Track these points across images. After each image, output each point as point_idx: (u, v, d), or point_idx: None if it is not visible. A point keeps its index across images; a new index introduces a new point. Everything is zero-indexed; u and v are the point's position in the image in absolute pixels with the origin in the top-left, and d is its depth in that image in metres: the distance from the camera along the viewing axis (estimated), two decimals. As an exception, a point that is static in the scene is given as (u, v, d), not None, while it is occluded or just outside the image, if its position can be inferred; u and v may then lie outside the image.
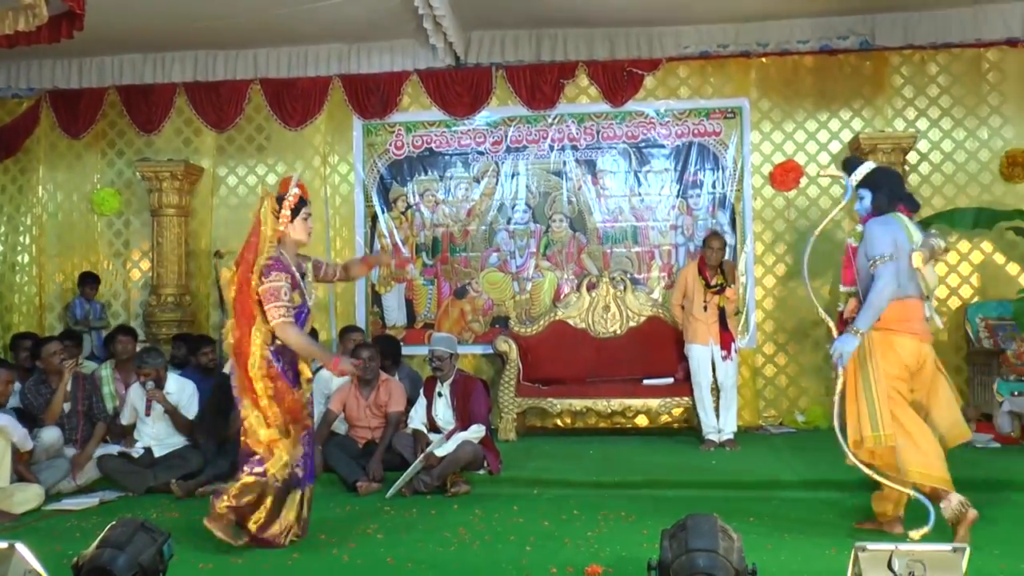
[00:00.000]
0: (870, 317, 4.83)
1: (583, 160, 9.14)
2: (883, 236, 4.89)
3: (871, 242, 4.90)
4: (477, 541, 5.16)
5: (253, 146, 9.65)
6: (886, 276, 4.81)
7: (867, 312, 4.82)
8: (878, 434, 4.83)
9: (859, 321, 4.84)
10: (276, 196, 5.01)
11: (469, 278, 9.23)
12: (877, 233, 4.91)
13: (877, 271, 4.82)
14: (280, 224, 4.94)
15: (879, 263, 4.83)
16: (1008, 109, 8.78)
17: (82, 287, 9.23)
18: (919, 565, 3.31)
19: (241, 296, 4.90)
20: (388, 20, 8.52)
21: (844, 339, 4.87)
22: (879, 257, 4.84)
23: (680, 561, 3.48)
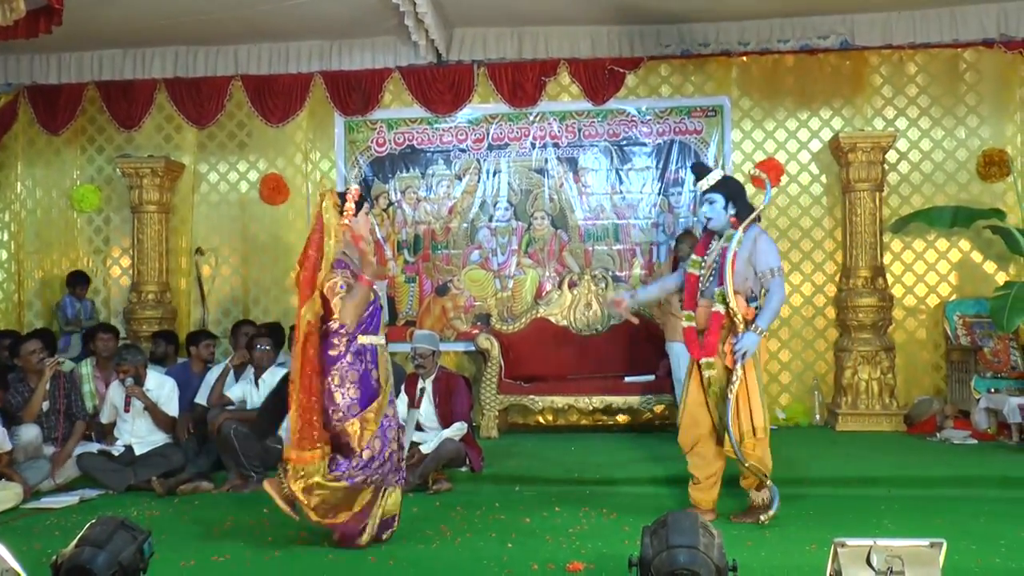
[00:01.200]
0: (771, 319, 5.20)
1: (565, 158, 9.16)
2: (774, 248, 5.30)
3: (769, 253, 5.22)
4: (459, 538, 5.17)
5: (234, 143, 9.61)
6: (783, 284, 5.23)
7: (770, 315, 5.17)
8: (767, 424, 5.23)
9: (761, 322, 5.14)
10: (338, 192, 4.96)
11: (451, 275, 9.24)
12: (770, 244, 5.28)
13: (776, 280, 5.17)
14: (344, 218, 4.87)
15: (777, 273, 5.19)
16: (985, 109, 8.86)
17: (73, 286, 9.14)
18: (897, 560, 3.33)
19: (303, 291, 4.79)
20: (370, 17, 8.50)
21: (749, 337, 5.12)
22: (777, 268, 5.19)
23: (661, 557, 3.49)
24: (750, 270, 5.20)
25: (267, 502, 6.14)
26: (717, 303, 5.23)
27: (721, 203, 5.28)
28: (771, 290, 5.17)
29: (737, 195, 5.31)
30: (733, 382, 5.15)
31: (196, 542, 5.17)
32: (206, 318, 9.32)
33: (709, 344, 5.27)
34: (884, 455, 6.99)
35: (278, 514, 5.81)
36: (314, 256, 4.79)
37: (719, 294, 5.21)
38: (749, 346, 5.11)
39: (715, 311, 5.24)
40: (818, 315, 8.93)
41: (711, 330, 5.25)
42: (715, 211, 5.30)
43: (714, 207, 5.30)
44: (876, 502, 5.91)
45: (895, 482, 6.32)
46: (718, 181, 5.32)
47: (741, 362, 5.12)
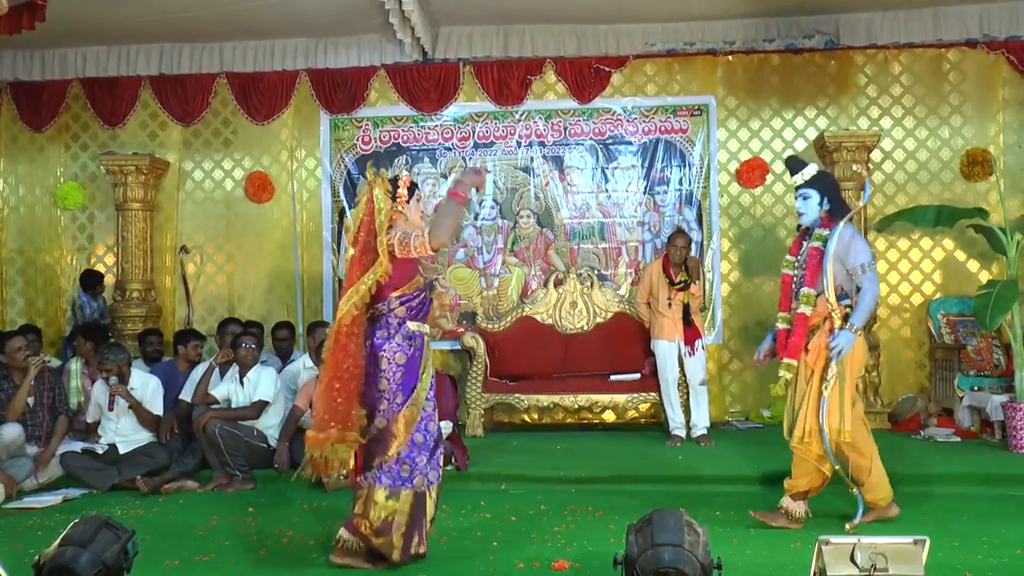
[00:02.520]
0: (866, 316, 5.10)
1: (550, 156, 9.16)
2: (865, 244, 5.20)
3: (858, 249, 5.12)
4: (444, 537, 5.16)
5: (220, 140, 9.57)
6: (876, 280, 5.13)
7: (864, 313, 5.08)
8: (844, 427, 5.07)
9: (856, 319, 5.07)
10: (389, 178, 4.80)
11: (436, 274, 9.22)
12: (862, 241, 5.20)
13: (869, 275, 5.08)
14: (398, 204, 4.74)
15: (869, 268, 5.10)
16: (968, 109, 8.90)
17: (89, 286, 9.07)
18: (881, 557, 3.35)
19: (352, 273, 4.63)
20: (355, 15, 8.49)
21: (845, 335, 5.04)
22: (869, 263, 5.11)
23: (646, 556, 3.50)
24: (841, 268, 5.15)
25: (253, 501, 6.17)
26: (803, 304, 5.19)
27: (816, 199, 5.23)
28: (864, 287, 5.10)
29: (832, 192, 5.27)
30: (828, 380, 5.07)
31: (181, 541, 5.15)
32: (191, 316, 9.28)
33: (792, 345, 5.22)
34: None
35: (264, 513, 5.83)
36: (365, 239, 4.65)
37: (805, 295, 5.18)
38: (844, 344, 5.03)
39: (799, 312, 5.20)
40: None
41: (795, 332, 5.20)
42: (809, 207, 5.25)
43: (808, 203, 5.25)
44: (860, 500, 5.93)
45: (879, 480, 6.34)
46: (813, 176, 5.26)
47: (836, 359, 5.04)
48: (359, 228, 4.71)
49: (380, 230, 4.64)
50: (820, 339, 5.14)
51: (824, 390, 5.08)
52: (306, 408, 7.00)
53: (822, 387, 5.09)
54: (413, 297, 4.74)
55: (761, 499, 5.96)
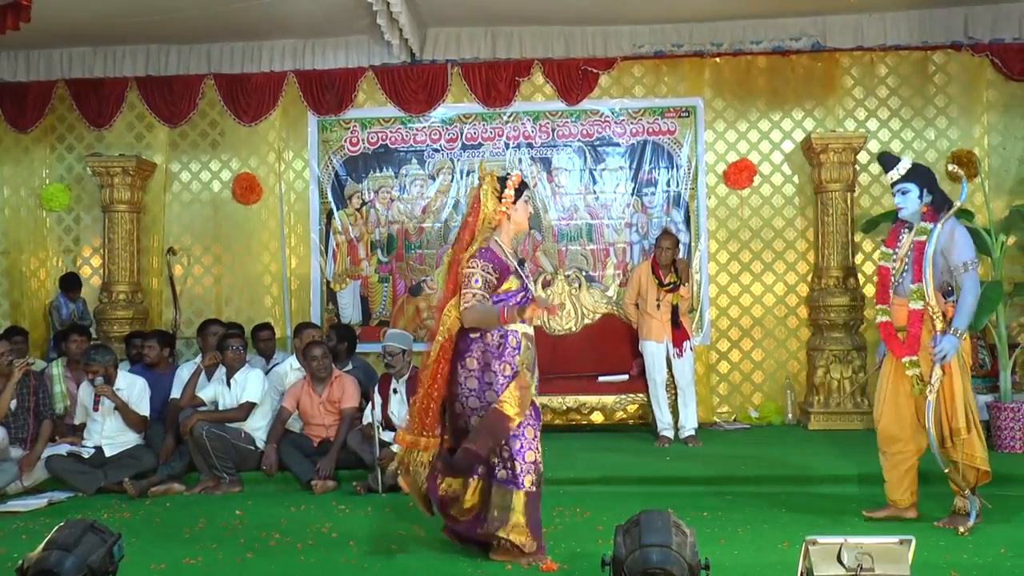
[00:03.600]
0: (969, 318, 5.03)
1: (538, 158, 9.17)
2: (970, 241, 5.11)
3: (962, 246, 5.05)
4: (432, 538, 5.16)
5: (207, 141, 9.54)
6: (977, 279, 5.05)
7: (967, 314, 5.01)
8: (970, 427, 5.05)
9: (959, 323, 5.01)
10: (499, 176, 4.79)
11: (424, 275, 9.22)
12: (966, 237, 5.10)
13: (970, 274, 5.01)
14: (503, 205, 4.72)
15: (971, 267, 5.02)
16: (953, 111, 8.95)
17: (66, 288, 9.02)
18: (867, 557, 3.37)
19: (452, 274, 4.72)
20: (343, 16, 8.47)
21: (949, 340, 4.98)
22: (971, 261, 5.03)
23: (634, 556, 3.51)
24: (944, 263, 5.10)
25: (240, 503, 6.15)
26: (914, 300, 5.13)
27: (915, 192, 5.18)
28: (964, 286, 5.02)
29: (931, 184, 5.20)
30: (932, 384, 5.04)
31: (167, 544, 5.14)
32: (178, 318, 9.25)
33: (911, 341, 5.15)
34: (855, 453, 7.04)
35: (251, 515, 5.82)
36: (467, 239, 4.69)
37: (915, 291, 5.11)
38: (948, 349, 4.98)
39: (913, 308, 5.14)
40: (791, 315, 8.98)
41: (912, 327, 5.14)
42: (909, 200, 5.19)
43: (908, 196, 5.19)
44: (847, 500, 5.96)
45: (866, 480, 6.37)
46: (909, 170, 5.21)
47: (939, 363, 5.00)
48: (463, 229, 4.76)
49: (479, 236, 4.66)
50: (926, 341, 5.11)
51: (929, 394, 5.05)
52: (293, 409, 7.00)
53: (927, 392, 5.06)
54: (509, 298, 4.69)
55: (750, 500, 5.99)
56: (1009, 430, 7.12)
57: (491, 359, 4.64)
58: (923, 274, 5.05)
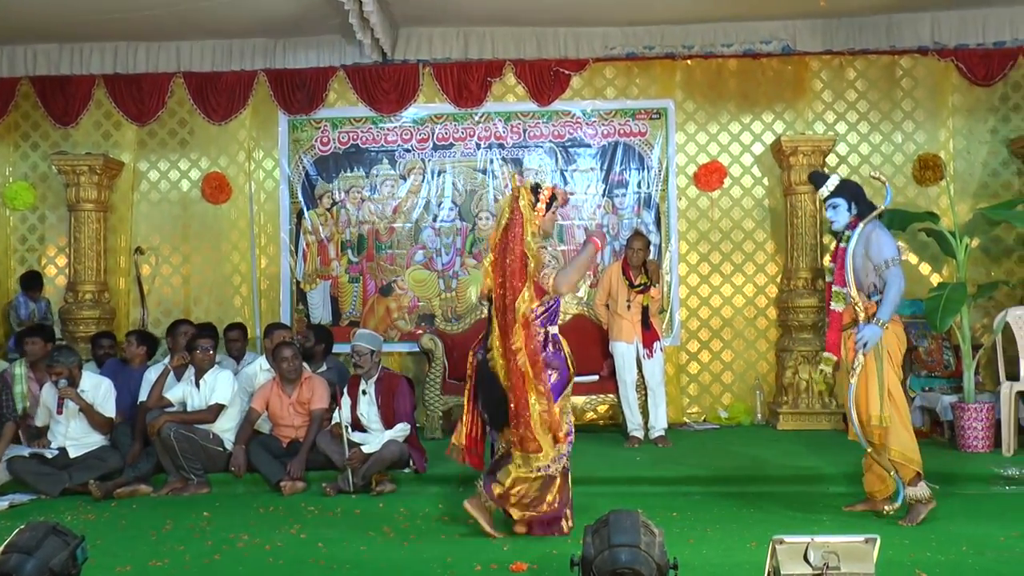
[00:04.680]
0: (892, 310, 5.32)
1: (510, 159, 9.17)
2: (891, 240, 5.44)
3: (882, 244, 5.36)
4: (402, 540, 5.16)
5: (176, 140, 9.46)
6: (901, 274, 5.34)
7: (890, 306, 5.30)
8: (884, 415, 5.30)
9: (883, 313, 5.29)
10: (531, 187, 5.14)
11: (395, 276, 9.19)
12: (885, 237, 5.42)
13: (893, 270, 5.31)
14: (536, 214, 5.08)
15: (893, 263, 5.33)
16: (920, 115, 9.04)
17: (27, 287, 8.91)
18: (833, 556, 3.39)
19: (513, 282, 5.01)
20: (314, 15, 8.43)
21: (870, 328, 5.27)
22: (892, 258, 5.34)
23: (602, 556, 3.52)
24: (869, 264, 5.39)
25: (208, 505, 6.11)
26: (835, 302, 5.51)
27: (844, 206, 5.51)
28: (888, 280, 5.32)
29: (858, 197, 5.52)
30: (854, 369, 5.32)
31: (133, 546, 5.09)
32: (146, 318, 9.16)
33: (830, 341, 5.56)
34: (823, 453, 7.11)
35: (219, 517, 5.77)
36: (518, 249, 5.00)
37: (836, 294, 5.49)
38: (869, 337, 5.26)
39: (832, 310, 5.54)
40: (760, 316, 9.04)
41: (831, 328, 5.55)
42: (839, 214, 5.53)
43: (838, 211, 5.53)
44: (815, 499, 6.01)
45: (834, 480, 6.43)
46: (837, 186, 5.54)
47: (862, 351, 5.28)
48: (504, 231, 5.08)
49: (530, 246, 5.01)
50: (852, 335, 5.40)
51: (851, 379, 5.34)
52: (262, 410, 6.95)
53: (849, 377, 5.35)
54: (552, 303, 5.13)
55: (718, 500, 6.02)
56: (972, 430, 7.20)
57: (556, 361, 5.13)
58: (845, 278, 5.38)
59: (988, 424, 7.21)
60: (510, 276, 5.00)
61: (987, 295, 8.24)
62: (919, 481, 5.39)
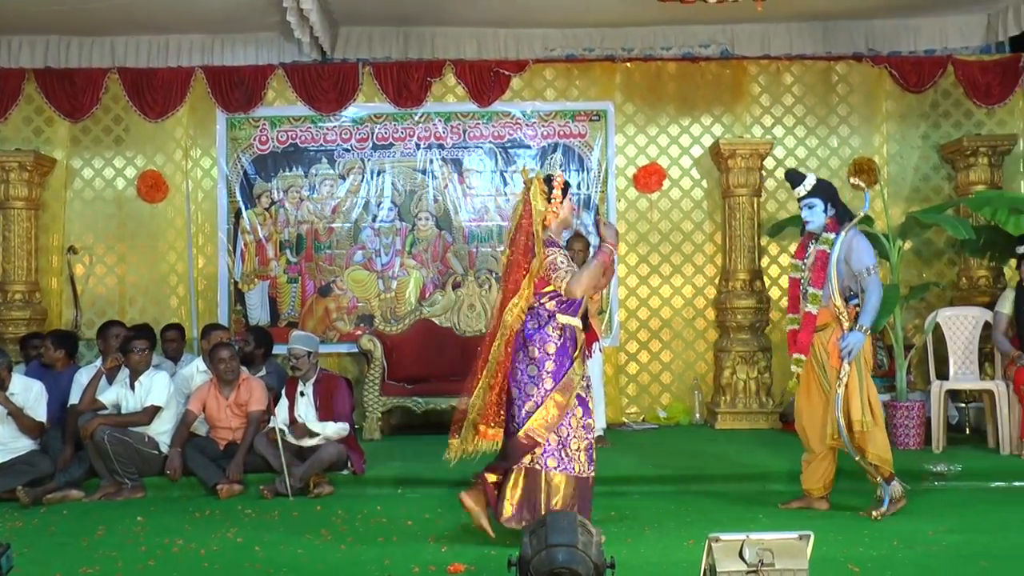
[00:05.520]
0: (873, 316, 5.44)
1: (449, 159, 9.15)
2: (869, 247, 5.55)
3: (862, 252, 5.47)
4: (339, 542, 5.13)
5: (111, 137, 9.27)
6: (879, 282, 5.45)
7: (871, 313, 5.42)
8: (865, 419, 5.42)
9: (865, 320, 5.40)
10: (543, 178, 5.14)
11: (334, 276, 9.12)
12: (865, 245, 5.53)
13: (872, 278, 5.41)
14: (552, 206, 5.06)
15: (873, 271, 5.43)
16: (855, 120, 9.21)
17: None
18: (768, 553, 3.44)
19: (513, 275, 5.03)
20: (252, 12, 8.34)
21: (855, 336, 5.38)
22: (872, 266, 5.45)
23: (540, 557, 3.52)
24: (847, 270, 5.48)
25: (143, 509, 6.00)
26: (810, 304, 5.54)
27: (821, 207, 5.57)
28: (868, 288, 5.42)
29: (834, 198, 5.61)
30: (841, 378, 5.40)
31: (63, 553, 4.98)
32: (79, 319, 8.97)
33: (802, 342, 5.59)
34: (760, 452, 7.21)
35: (154, 521, 5.68)
36: (525, 242, 5.00)
37: (813, 296, 5.52)
38: (854, 344, 5.36)
39: (807, 312, 5.57)
40: (698, 316, 9.13)
41: (804, 329, 5.59)
42: (815, 214, 5.58)
43: (814, 211, 5.58)
44: (752, 497, 6.10)
45: (770, 477, 6.52)
46: (815, 186, 5.58)
47: (848, 359, 5.38)
48: (515, 230, 5.09)
49: (538, 237, 4.99)
50: (833, 339, 5.47)
51: (838, 388, 5.41)
52: (199, 412, 6.84)
53: (836, 386, 5.43)
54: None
55: (657, 499, 6.08)
56: (904, 428, 7.36)
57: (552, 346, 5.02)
58: (827, 280, 5.43)
59: (919, 422, 7.37)
60: (514, 267, 5.05)
61: (919, 296, 8.43)
62: (893, 480, 5.58)
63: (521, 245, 5.02)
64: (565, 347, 5.03)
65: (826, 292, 5.47)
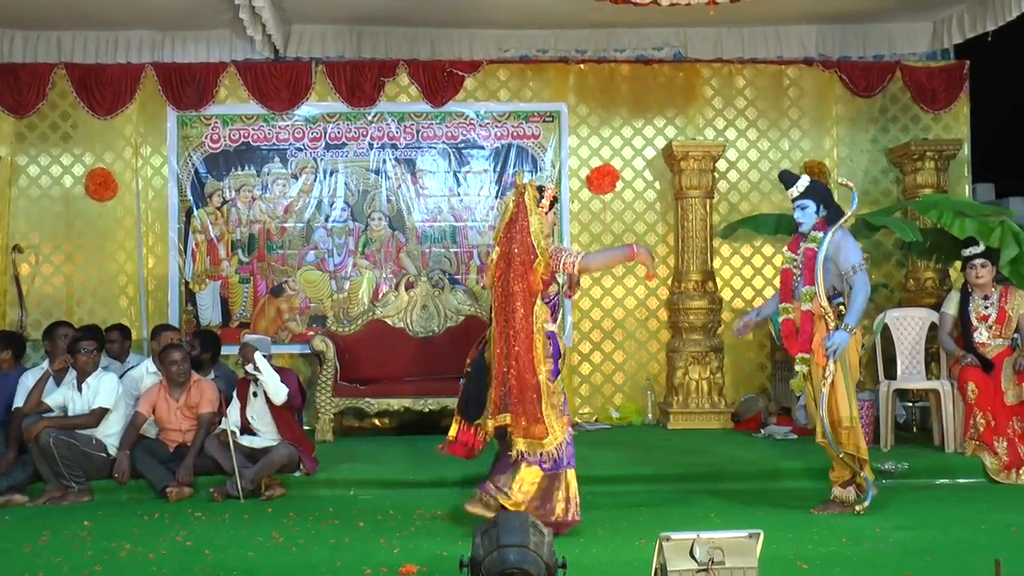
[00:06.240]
0: (859, 315, 5.55)
1: (403, 159, 9.11)
2: (856, 246, 5.67)
3: (849, 251, 5.58)
4: (291, 544, 5.08)
5: (58, 134, 9.10)
6: (867, 280, 5.56)
7: (857, 312, 5.53)
8: (853, 415, 5.54)
9: (851, 319, 5.51)
10: (537, 186, 5.30)
11: (286, 276, 9.04)
12: (852, 244, 5.64)
13: (859, 276, 5.52)
14: (541, 211, 5.24)
15: (860, 269, 5.54)
16: (805, 123, 9.32)
17: None
18: (718, 551, 3.47)
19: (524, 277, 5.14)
20: (204, 8, 8.25)
21: (840, 334, 5.48)
22: (859, 264, 5.55)
23: (491, 557, 3.53)
24: (834, 268, 5.60)
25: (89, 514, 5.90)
26: (805, 302, 5.66)
27: (813, 207, 5.69)
28: (855, 286, 5.53)
29: (827, 199, 5.74)
30: (826, 377, 5.51)
31: (5, 560, 4.88)
32: (24, 320, 8.80)
33: (804, 339, 5.68)
34: (711, 451, 7.26)
35: (100, 526, 5.59)
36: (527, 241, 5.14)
37: (807, 294, 5.64)
38: (839, 343, 5.47)
39: (805, 310, 5.67)
40: (651, 317, 9.18)
41: (804, 327, 5.69)
42: (807, 215, 5.71)
43: (807, 211, 5.71)
44: (704, 496, 6.15)
45: (722, 476, 6.58)
46: (808, 187, 5.71)
47: (833, 358, 5.49)
48: (508, 228, 5.23)
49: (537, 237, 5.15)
50: (817, 338, 5.60)
51: (823, 386, 5.52)
52: (149, 415, 6.73)
53: (821, 384, 5.54)
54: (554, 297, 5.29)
55: (610, 498, 6.08)
56: (853, 428, 7.45)
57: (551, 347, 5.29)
58: (814, 278, 5.57)
59: (868, 421, 7.45)
60: (518, 265, 5.14)
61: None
62: (851, 486, 5.71)
63: (526, 245, 5.16)
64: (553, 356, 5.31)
65: (814, 288, 5.61)
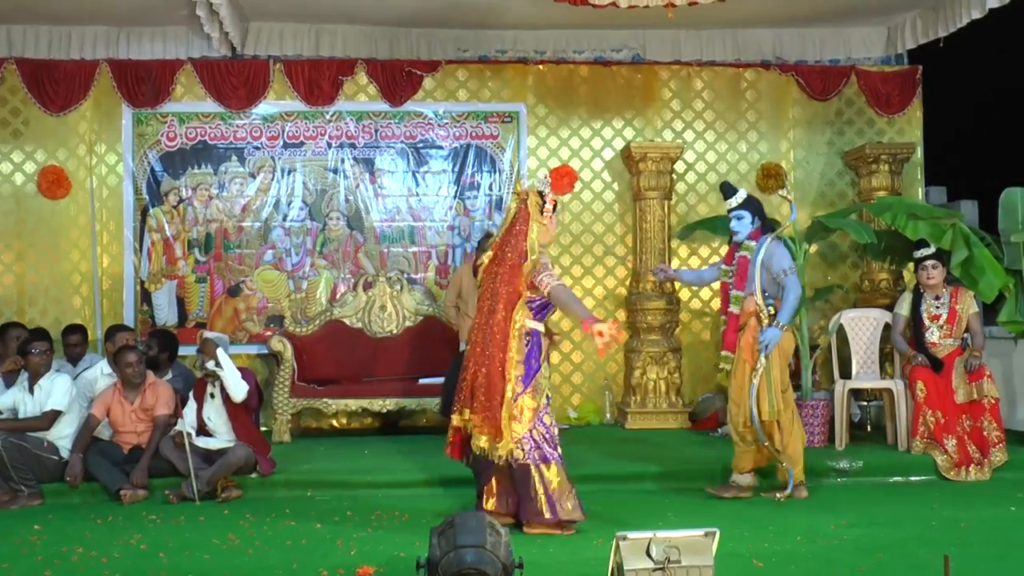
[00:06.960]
0: (791, 314, 5.96)
1: (361, 159, 9.07)
2: (787, 253, 6.09)
3: (782, 257, 5.97)
4: (247, 547, 5.04)
5: (8, 131, 8.94)
6: (798, 283, 5.99)
7: (789, 311, 5.93)
8: (774, 409, 5.89)
9: (783, 317, 5.90)
10: (539, 191, 5.39)
11: (243, 276, 8.96)
12: (784, 251, 6.06)
13: (790, 279, 5.91)
14: (544, 218, 5.34)
15: (791, 273, 5.94)
16: (763, 125, 9.41)
17: None
18: (675, 550, 3.50)
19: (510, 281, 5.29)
20: (160, 5, 8.15)
21: (772, 331, 5.88)
22: (790, 268, 5.95)
23: (448, 558, 3.53)
24: (767, 274, 5.95)
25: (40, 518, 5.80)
26: (733, 305, 6.05)
27: (748, 219, 6.05)
28: (787, 288, 5.91)
29: (761, 211, 6.12)
30: (757, 370, 5.86)
31: (-44, 564, 4.80)
32: (-27, 319, 8.65)
33: (727, 341, 6.09)
34: (669, 451, 7.31)
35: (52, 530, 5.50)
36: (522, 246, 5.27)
37: (734, 298, 6.04)
38: (771, 339, 5.86)
39: (731, 312, 6.07)
40: (609, 317, 9.16)
41: (728, 329, 6.09)
42: (743, 226, 6.06)
43: (742, 222, 6.06)
44: (661, 495, 6.20)
45: (679, 476, 6.62)
46: (744, 200, 6.08)
47: (765, 353, 5.86)
48: (507, 231, 5.37)
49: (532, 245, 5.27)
50: (750, 335, 5.94)
51: (754, 379, 5.87)
52: (103, 417, 6.63)
53: (752, 376, 5.88)
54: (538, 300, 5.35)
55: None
56: (810, 426, 7.50)
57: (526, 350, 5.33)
58: (748, 284, 5.95)
59: (824, 420, 7.56)
60: (508, 269, 5.28)
61: (824, 298, 8.69)
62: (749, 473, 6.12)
63: (520, 250, 5.28)
64: (533, 351, 5.32)
65: (748, 290, 5.95)
